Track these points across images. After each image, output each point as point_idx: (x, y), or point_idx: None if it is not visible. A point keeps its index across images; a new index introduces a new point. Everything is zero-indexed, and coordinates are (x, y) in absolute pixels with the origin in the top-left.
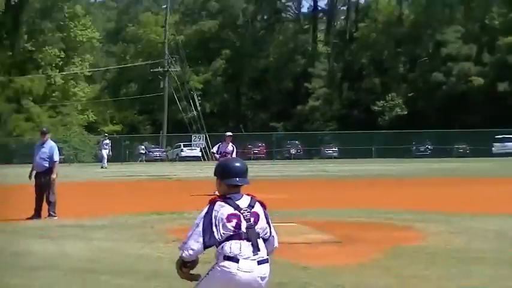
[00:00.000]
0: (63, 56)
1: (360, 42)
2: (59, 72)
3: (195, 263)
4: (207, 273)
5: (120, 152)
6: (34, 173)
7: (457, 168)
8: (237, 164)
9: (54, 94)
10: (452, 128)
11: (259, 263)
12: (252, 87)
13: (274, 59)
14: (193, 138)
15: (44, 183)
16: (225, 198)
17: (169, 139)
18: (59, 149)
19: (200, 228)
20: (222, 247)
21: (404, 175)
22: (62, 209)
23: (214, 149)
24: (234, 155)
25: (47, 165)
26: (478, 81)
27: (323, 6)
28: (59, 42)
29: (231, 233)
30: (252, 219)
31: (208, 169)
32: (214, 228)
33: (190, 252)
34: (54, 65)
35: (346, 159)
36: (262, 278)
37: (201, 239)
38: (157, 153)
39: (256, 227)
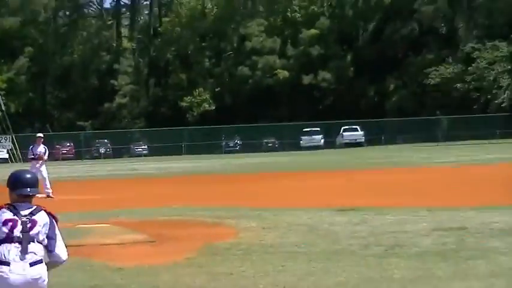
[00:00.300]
0: None
1: (164, 37)
2: None
3: None
4: None
5: None
6: None
7: (265, 162)
8: (28, 176)
9: None
10: (262, 122)
11: (32, 264)
12: (57, 85)
13: (79, 56)
14: None
15: None
16: (9, 205)
17: None
18: None
19: None
20: None
21: (214, 171)
22: None
23: (29, 154)
24: (46, 156)
25: None
26: (284, 74)
27: (126, 1)
28: None
29: (4, 236)
30: (28, 225)
31: None
32: None
33: None
34: None
35: (156, 157)
36: (37, 279)
37: None
38: None
39: (31, 232)
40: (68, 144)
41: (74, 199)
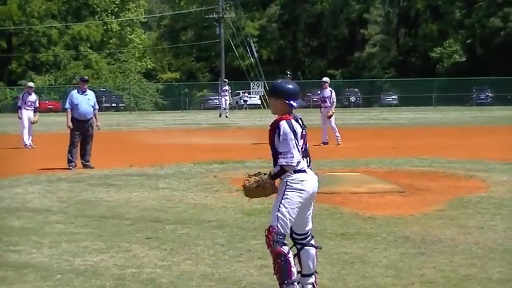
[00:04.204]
0: (118, 2)
1: None
2: (114, 18)
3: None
4: None
5: (179, 100)
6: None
7: None
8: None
9: (111, 41)
10: None
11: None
12: (308, 33)
13: (329, 4)
14: (252, 85)
15: (88, 132)
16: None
17: None
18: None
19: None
20: None
21: (464, 123)
22: (126, 157)
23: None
24: (334, 99)
25: (92, 113)
26: None
27: None
28: None
29: None
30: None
31: (268, 118)
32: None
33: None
34: (109, 12)
35: (406, 107)
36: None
37: None
38: (216, 101)
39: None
40: (319, 92)
41: (325, 146)
